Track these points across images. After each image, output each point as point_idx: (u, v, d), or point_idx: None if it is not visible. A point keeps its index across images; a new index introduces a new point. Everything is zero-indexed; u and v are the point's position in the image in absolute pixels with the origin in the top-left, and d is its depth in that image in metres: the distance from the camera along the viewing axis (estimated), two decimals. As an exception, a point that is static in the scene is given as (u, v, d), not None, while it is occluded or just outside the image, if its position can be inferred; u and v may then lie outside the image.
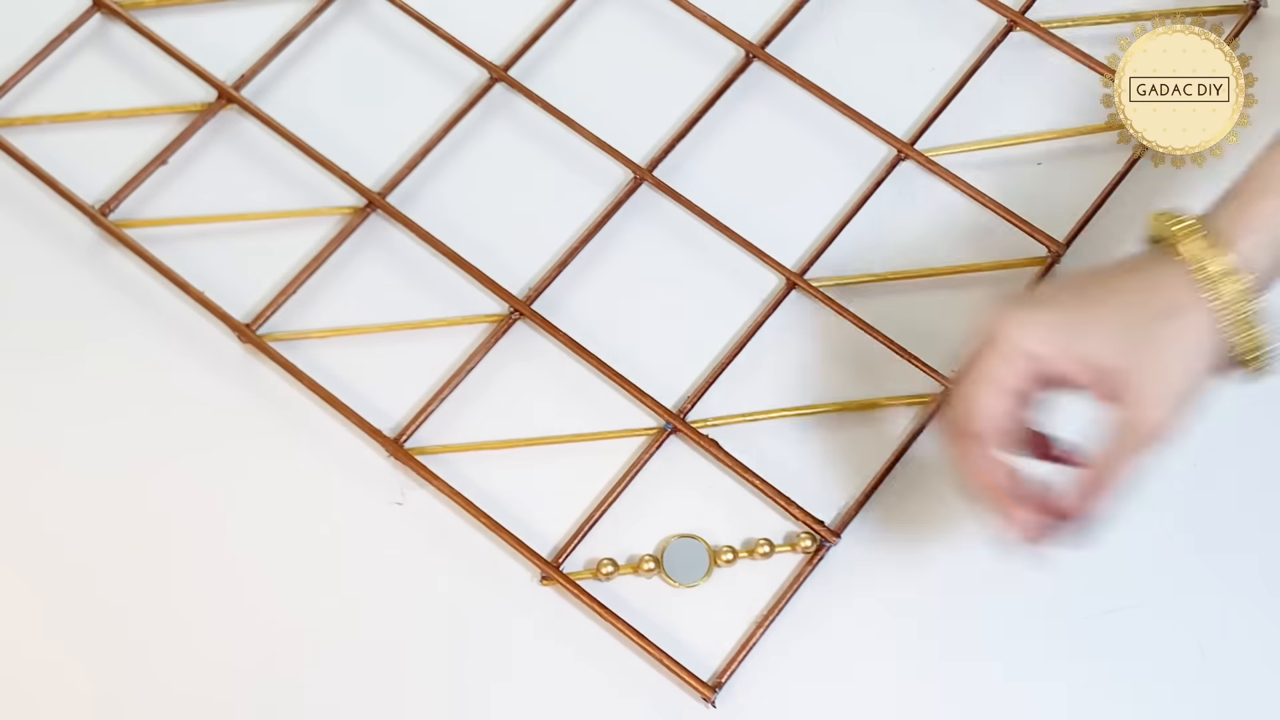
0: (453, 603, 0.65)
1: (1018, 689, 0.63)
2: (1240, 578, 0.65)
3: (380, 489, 0.67)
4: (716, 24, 0.76)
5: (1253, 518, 0.66)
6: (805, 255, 0.71)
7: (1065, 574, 0.64)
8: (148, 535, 0.66)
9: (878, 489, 0.66)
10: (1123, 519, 0.65)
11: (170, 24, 0.78)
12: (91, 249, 0.72)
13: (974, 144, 0.74)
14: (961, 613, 0.64)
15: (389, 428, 0.68)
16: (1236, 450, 0.67)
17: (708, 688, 0.62)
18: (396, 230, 0.72)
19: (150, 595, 0.65)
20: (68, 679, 0.64)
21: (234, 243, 0.72)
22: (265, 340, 0.69)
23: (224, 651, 0.64)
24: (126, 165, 0.74)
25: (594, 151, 0.74)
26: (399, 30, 0.78)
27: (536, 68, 0.77)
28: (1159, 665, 0.63)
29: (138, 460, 0.68)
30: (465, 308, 0.71)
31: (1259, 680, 0.63)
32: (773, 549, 0.65)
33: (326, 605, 0.65)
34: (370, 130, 0.75)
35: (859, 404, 0.68)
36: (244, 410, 0.69)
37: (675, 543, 0.65)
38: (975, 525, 0.65)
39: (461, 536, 0.66)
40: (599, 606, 0.63)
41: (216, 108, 0.75)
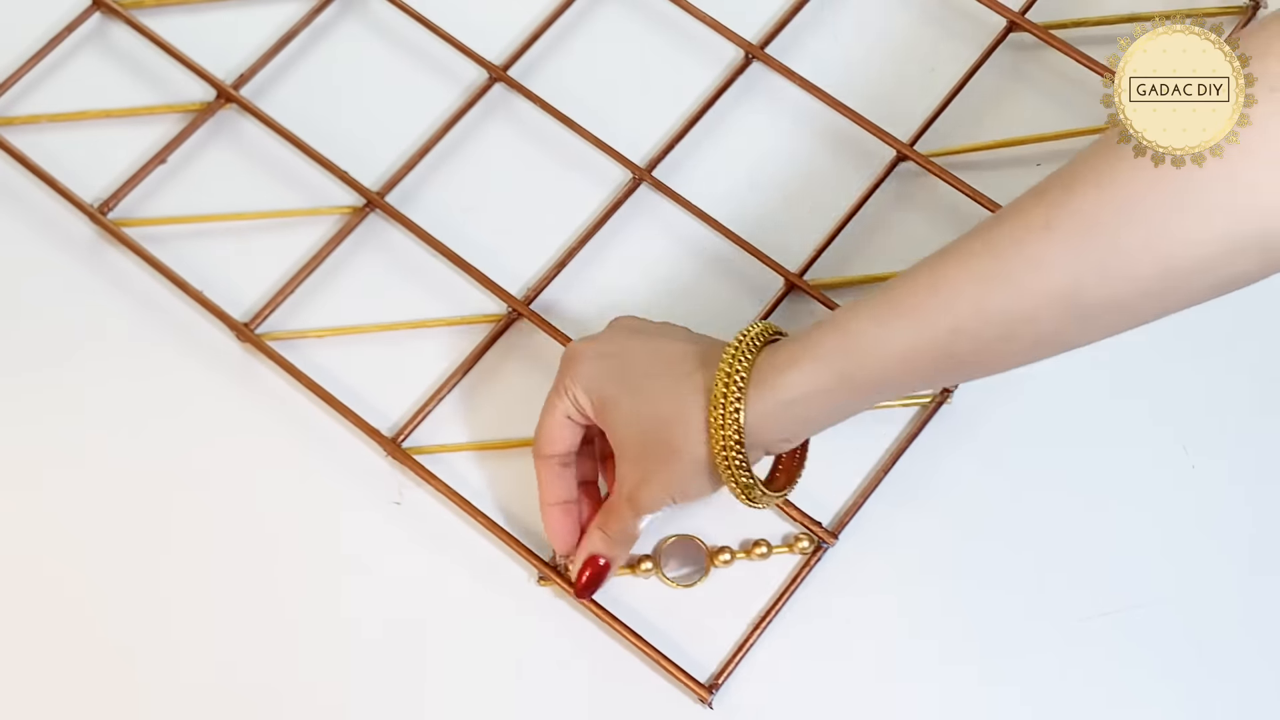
0: (450, 602, 0.65)
1: (1014, 691, 0.63)
2: (1239, 580, 0.65)
3: (378, 488, 0.67)
4: (716, 24, 0.76)
5: (1251, 519, 0.66)
6: (804, 256, 0.71)
7: (1064, 577, 0.65)
8: (143, 533, 0.66)
9: (875, 490, 0.66)
10: (1122, 520, 0.66)
11: (170, 23, 0.78)
12: (90, 248, 0.72)
13: (973, 145, 0.74)
14: (958, 615, 0.64)
15: (387, 427, 0.68)
16: (1234, 451, 0.67)
17: (704, 688, 0.62)
18: (395, 230, 0.72)
19: (145, 593, 0.65)
20: (62, 677, 0.64)
21: (233, 242, 0.72)
22: (263, 339, 0.69)
23: (220, 650, 0.64)
24: (125, 164, 0.74)
25: (593, 152, 0.74)
26: (398, 30, 0.78)
27: (536, 68, 0.77)
28: (1157, 667, 0.63)
29: (134, 458, 0.68)
30: (464, 307, 0.71)
31: (1259, 683, 0.63)
32: (770, 550, 0.65)
33: (323, 604, 0.65)
34: (369, 130, 0.75)
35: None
36: (242, 409, 0.69)
37: (672, 543, 0.65)
38: (972, 529, 0.66)
39: (459, 536, 0.66)
40: (596, 607, 0.63)
41: (216, 107, 0.75)
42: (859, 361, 0.54)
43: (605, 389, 0.59)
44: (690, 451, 0.57)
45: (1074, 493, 0.66)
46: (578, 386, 0.59)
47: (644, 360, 0.60)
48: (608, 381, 0.59)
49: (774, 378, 0.55)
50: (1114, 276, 0.50)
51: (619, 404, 0.58)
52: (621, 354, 0.60)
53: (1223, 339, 0.69)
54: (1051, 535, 0.65)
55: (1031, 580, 0.65)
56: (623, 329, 0.63)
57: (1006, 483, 0.67)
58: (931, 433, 0.67)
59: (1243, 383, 0.69)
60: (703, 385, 0.57)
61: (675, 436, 0.57)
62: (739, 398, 0.55)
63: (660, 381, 0.58)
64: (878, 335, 0.54)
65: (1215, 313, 0.70)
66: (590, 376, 0.59)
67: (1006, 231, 0.51)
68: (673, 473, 0.58)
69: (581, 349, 0.61)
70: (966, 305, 0.52)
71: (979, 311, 0.52)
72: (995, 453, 0.67)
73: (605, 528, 0.61)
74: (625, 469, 0.59)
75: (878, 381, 0.55)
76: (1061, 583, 0.64)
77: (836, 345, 0.54)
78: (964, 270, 0.52)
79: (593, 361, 0.60)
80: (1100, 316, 0.51)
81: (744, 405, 0.55)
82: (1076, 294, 0.50)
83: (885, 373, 0.54)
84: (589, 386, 0.59)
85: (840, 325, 0.55)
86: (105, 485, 0.67)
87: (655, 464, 0.58)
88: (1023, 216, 0.51)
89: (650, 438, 0.58)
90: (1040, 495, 0.66)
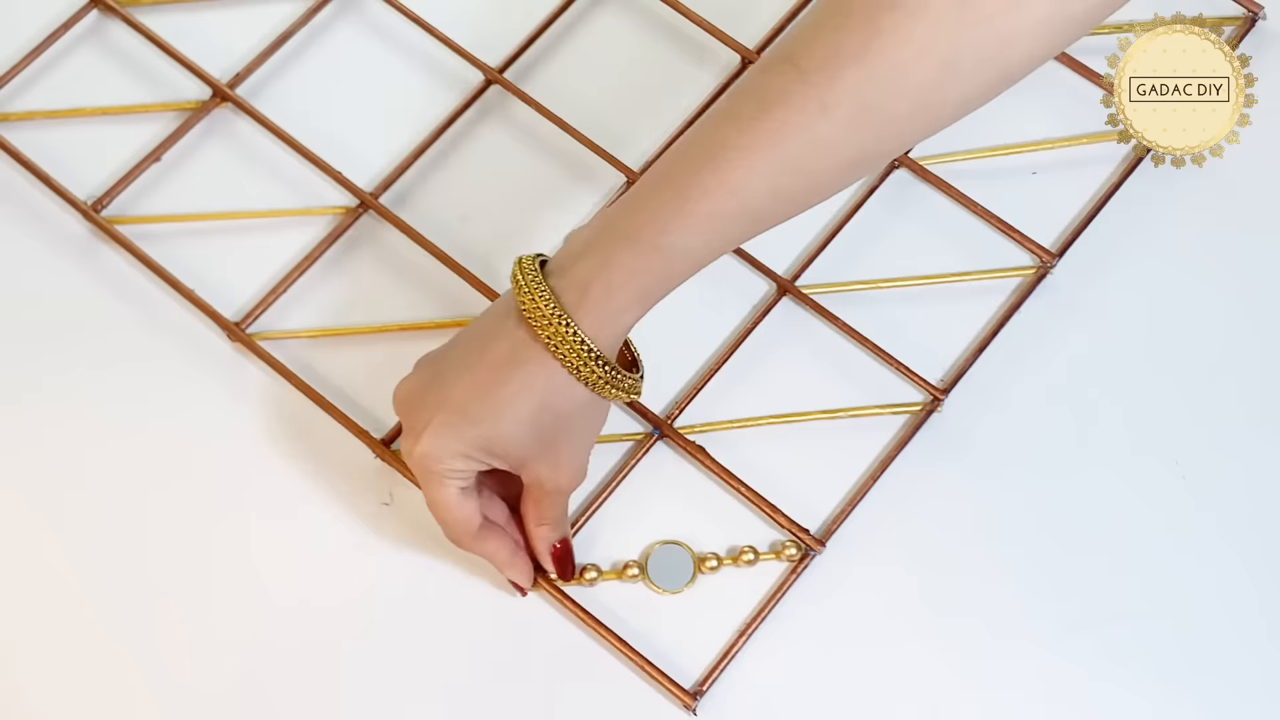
0: (438, 605, 0.65)
1: (1001, 700, 0.63)
2: (1232, 592, 0.64)
3: (368, 489, 0.67)
4: (712, 29, 0.76)
5: (1243, 532, 0.66)
6: (796, 262, 0.71)
7: (1052, 587, 0.65)
8: (133, 532, 0.66)
9: (864, 498, 0.66)
10: (1112, 531, 0.66)
11: (166, 21, 0.78)
12: (83, 245, 0.72)
13: (968, 153, 0.73)
14: (944, 623, 0.64)
15: (376, 429, 0.67)
16: (1226, 463, 0.67)
17: (689, 695, 0.62)
18: (388, 231, 0.72)
19: (134, 596, 0.65)
20: (60, 677, 0.64)
21: (225, 241, 0.72)
22: (254, 339, 0.69)
23: (209, 652, 0.64)
24: (120, 162, 0.74)
25: (588, 155, 0.74)
26: (395, 31, 0.78)
27: (532, 70, 0.77)
28: (1145, 679, 0.63)
29: (124, 457, 0.68)
30: (457, 310, 0.71)
31: (1248, 697, 0.63)
32: (757, 556, 0.65)
33: (312, 605, 0.65)
34: (364, 130, 0.75)
35: (846, 412, 0.68)
36: (232, 409, 0.69)
37: (660, 549, 0.65)
38: (960, 538, 0.66)
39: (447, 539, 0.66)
40: (582, 612, 0.63)
41: (211, 106, 0.75)
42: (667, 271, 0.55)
43: (462, 434, 0.57)
44: (575, 402, 0.57)
45: (1063, 503, 0.66)
46: (447, 457, 0.58)
47: (472, 383, 0.57)
48: (466, 432, 0.57)
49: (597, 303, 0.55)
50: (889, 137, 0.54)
51: (491, 438, 0.57)
52: (444, 399, 0.58)
53: (1216, 350, 0.69)
54: (1039, 545, 0.65)
55: (1019, 590, 0.64)
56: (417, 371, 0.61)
57: (994, 492, 0.66)
58: (920, 442, 0.67)
59: (1235, 395, 0.68)
60: (528, 335, 0.56)
61: (556, 405, 0.56)
62: (563, 320, 0.55)
63: (504, 378, 0.57)
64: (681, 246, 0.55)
65: (1210, 324, 0.70)
66: (442, 437, 0.57)
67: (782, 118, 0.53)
68: (574, 433, 0.58)
69: (417, 438, 0.58)
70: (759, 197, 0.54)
71: (773, 196, 0.54)
72: (983, 462, 0.67)
73: (545, 521, 0.62)
74: (536, 469, 0.59)
75: (682, 274, 0.56)
76: (1049, 593, 0.64)
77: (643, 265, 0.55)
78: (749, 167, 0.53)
79: (438, 435, 0.57)
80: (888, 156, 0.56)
81: (576, 323, 0.55)
82: (860, 160, 0.54)
83: (692, 264, 0.56)
84: (452, 445, 0.57)
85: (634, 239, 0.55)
86: (94, 482, 0.67)
87: (557, 441, 0.58)
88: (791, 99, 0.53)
89: (539, 427, 0.57)
90: (1029, 505, 0.66)
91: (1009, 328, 0.69)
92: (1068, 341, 0.70)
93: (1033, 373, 0.69)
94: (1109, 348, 0.69)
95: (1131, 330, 0.70)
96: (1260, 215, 0.72)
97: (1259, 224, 0.72)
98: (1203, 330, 0.70)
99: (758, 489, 0.66)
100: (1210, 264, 0.71)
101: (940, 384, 0.68)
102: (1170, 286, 0.71)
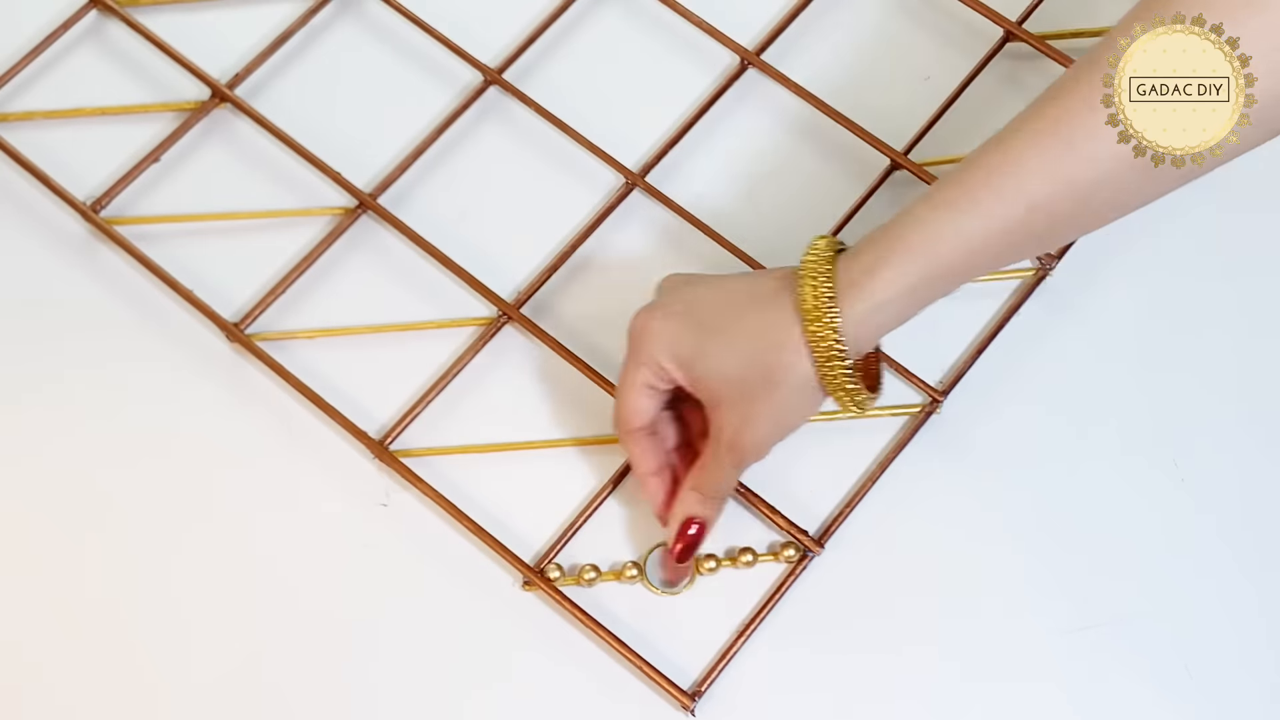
0: (434, 606, 0.65)
1: (997, 702, 0.63)
2: (1228, 596, 0.64)
3: (365, 490, 0.67)
4: (712, 30, 0.76)
5: (1241, 533, 0.66)
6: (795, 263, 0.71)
7: (1050, 589, 0.64)
8: (129, 533, 0.66)
9: (862, 499, 0.66)
10: (1110, 533, 0.65)
11: (166, 21, 0.78)
12: (82, 245, 0.72)
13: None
14: (942, 624, 0.64)
15: (374, 429, 0.67)
16: (1225, 464, 0.67)
17: (687, 696, 0.62)
18: (387, 232, 0.72)
19: (128, 594, 0.65)
20: (56, 675, 0.64)
21: (224, 242, 0.72)
22: (253, 340, 0.69)
23: (204, 651, 0.64)
24: (119, 162, 0.74)
25: (587, 156, 0.74)
26: (394, 32, 0.78)
27: (531, 71, 0.77)
28: (1142, 681, 0.63)
29: (123, 457, 0.68)
30: (454, 310, 0.71)
31: (1244, 699, 0.63)
32: (756, 558, 0.65)
33: (308, 606, 0.65)
34: (363, 131, 0.75)
35: (845, 414, 0.68)
36: (230, 410, 0.69)
37: (658, 550, 0.65)
38: (958, 539, 0.66)
39: (445, 540, 0.66)
40: (580, 612, 0.63)
41: (210, 106, 0.75)
42: (943, 252, 0.55)
43: (687, 345, 0.59)
44: (794, 373, 0.57)
45: (1062, 504, 0.66)
46: (658, 352, 0.59)
47: (718, 303, 0.60)
48: (687, 337, 0.59)
49: (864, 281, 0.56)
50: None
51: (706, 353, 0.58)
52: (691, 307, 0.60)
53: (1215, 351, 0.69)
54: (1038, 547, 0.65)
55: (1017, 592, 0.64)
56: (678, 285, 0.63)
57: (993, 493, 0.66)
58: (919, 443, 0.67)
59: (1234, 395, 0.68)
60: (791, 305, 0.57)
61: (775, 362, 0.57)
62: (832, 307, 0.56)
63: (746, 316, 0.58)
64: (958, 225, 0.55)
65: (1209, 325, 0.70)
66: (668, 338, 0.59)
67: (1068, 104, 0.53)
68: (776, 402, 0.58)
69: (649, 316, 0.60)
70: (1040, 182, 0.53)
71: (1053, 185, 0.53)
72: (982, 463, 0.67)
73: (700, 486, 0.62)
74: (724, 416, 0.59)
75: (962, 269, 0.56)
76: (1049, 594, 0.64)
77: (920, 241, 0.55)
78: (1033, 147, 0.53)
79: (665, 322, 0.60)
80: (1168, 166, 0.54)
81: (839, 313, 0.56)
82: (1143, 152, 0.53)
83: (969, 259, 0.55)
84: (670, 348, 0.59)
85: (919, 220, 0.55)
86: (92, 483, 0.67)
87: (757, 399, 0.58)
88: (1081, 88, 0.53)
89: (749, 373, 0.58)
90: (1027, 506, 0.66)
91: (1008, 329, 0.69)
92: (1067, 343, 0.70)
93: (1031, 374, 0.69)
94: (1108, 349, 0.69)
95: (1130, 331, 0.70)
96: (1260, 215, 0.72)
97: (1258, 225, 0.72)
98: (1201, 331, 0.70)
99: (756, 490, 0.66)
100: (1209, 265, 0.71)
101: (939, 385, 0.68)
102: (1169, 288, 0.71)
